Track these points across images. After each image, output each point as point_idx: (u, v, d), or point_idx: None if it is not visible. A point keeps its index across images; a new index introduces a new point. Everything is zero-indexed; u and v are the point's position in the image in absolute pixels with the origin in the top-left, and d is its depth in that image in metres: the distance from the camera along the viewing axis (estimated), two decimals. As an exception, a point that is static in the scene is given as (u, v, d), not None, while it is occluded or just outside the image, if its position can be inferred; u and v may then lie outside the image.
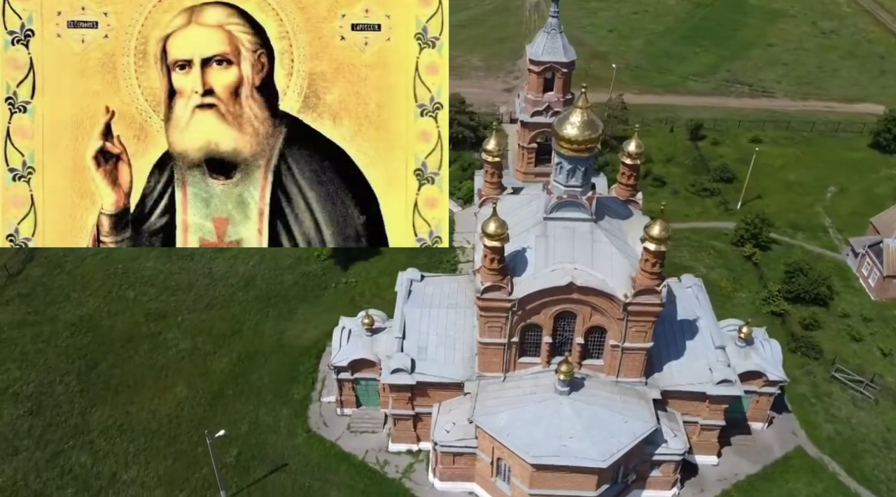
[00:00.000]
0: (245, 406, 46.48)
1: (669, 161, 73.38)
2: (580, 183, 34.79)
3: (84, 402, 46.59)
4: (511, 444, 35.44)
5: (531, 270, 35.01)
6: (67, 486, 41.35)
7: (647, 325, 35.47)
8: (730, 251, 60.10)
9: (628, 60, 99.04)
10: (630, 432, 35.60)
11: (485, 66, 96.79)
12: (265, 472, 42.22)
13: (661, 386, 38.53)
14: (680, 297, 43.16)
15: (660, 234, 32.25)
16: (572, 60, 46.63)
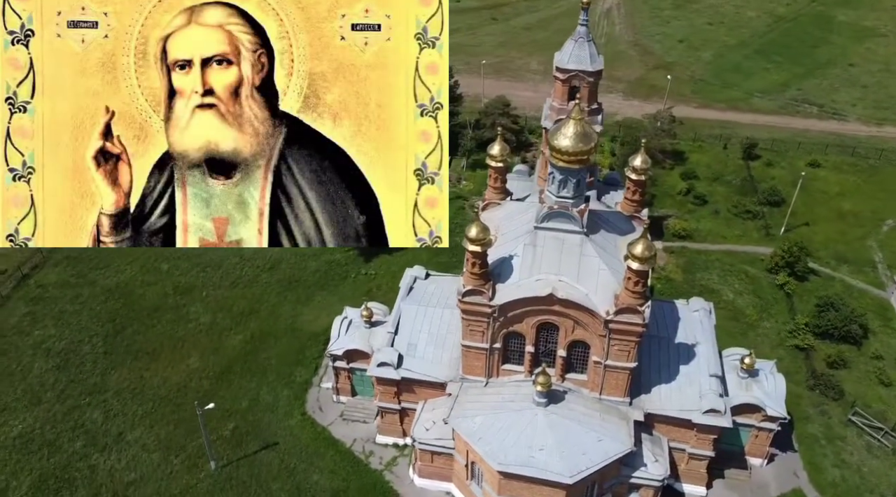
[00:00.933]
0: (249, 383, 48.39)
1: (716, 179, 70.78)
2: (572, 194, 34.38)
3: (105, 364, 49.75)
4: (481, 448, 35.52)
5: (515, 278, 34.91)
6: (78, 439, 44.35)
7: (630, 345, 34.68)
8: (762, 278, 57.51)
9: (693, 73, 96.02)
10: (603, 451, 34.96)
11: (543, 70, 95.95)
12: (256, 448, 43.90)
13: (647, 408, 37.58)
14: (684, 319, 41.86)
15: (642, 253, 31.50)
16: (598, 70, 45.95)
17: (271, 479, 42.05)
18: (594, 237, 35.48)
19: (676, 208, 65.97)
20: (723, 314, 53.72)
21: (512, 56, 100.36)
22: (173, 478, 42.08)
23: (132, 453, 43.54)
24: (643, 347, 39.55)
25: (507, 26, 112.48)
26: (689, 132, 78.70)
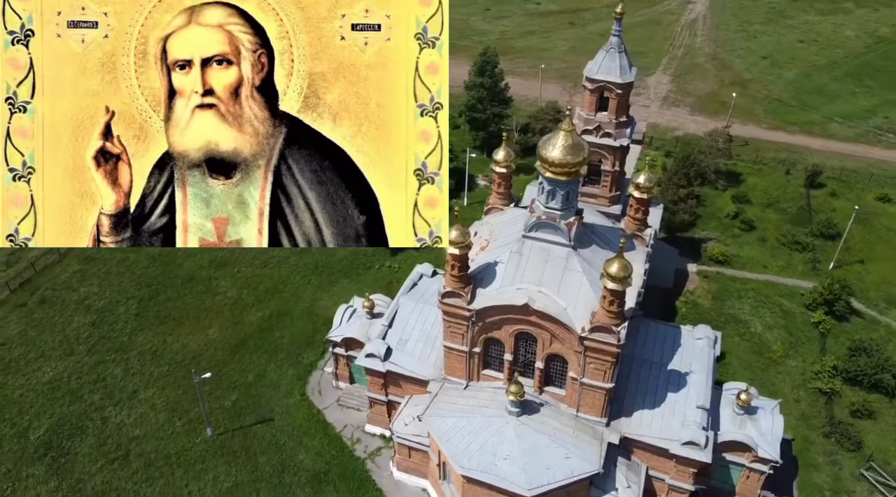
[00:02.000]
0: (259, 359, 50.54)
1: (770, 206, 67.24)
2: (560, 206, 33.93)
3: (135, 325, 53.28)
4: (447, 449, 35.77)
5: (497, 285, 34.85)
6: (97, 392, 47.84)
7: (606, 365, 33.90)
8: (798, 314, 54.30)
9: (770, 92, 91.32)
10: (568, 468, 34.41)
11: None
12: (252, 421, 45.89)
13: (625, 431, 36.61)
14: (683, 346, 40.38)
15: (617, 272, 30.75)
16: (628, 82, 45.05)
17: (260, 452, 43.89)
18: (583, 251, 34.87)
19: (720, 231, 63.22)
20: (746, 347, 51.45)
21: (580, 62, 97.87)
22: (172, 438, 44.69)
23: (141, 411, 46.53)
24: (630, 369, 38.85)
25: (583, 31, 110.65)
26: (752, 153, 75.11)
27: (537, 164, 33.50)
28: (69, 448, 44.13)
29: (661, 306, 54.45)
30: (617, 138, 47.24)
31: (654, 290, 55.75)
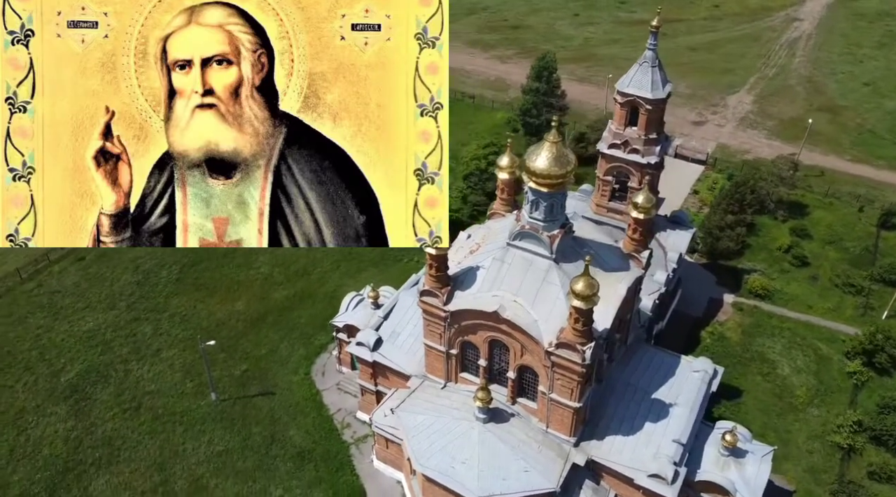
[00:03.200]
0: (274, 334, 52.86)
1: (832, 243, 62.63)
2: (543, 217, 33.48)
3: (172, 289, 57.04)
4: (411, 445, 36.25)
5: (475, 289, 34.87)
6: (126, 346, 51.72)
7: (573, 383, 33.20)
8: (835, 361, 50.51)
9: (864, 121, 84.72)
10: (524, 482, 34.04)
11: (689, 93, 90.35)
12: (255, 392, 48.18)
13: (593, 454, 35.71)
14: (677, 376, 38.82)
15: (582, 290, 30.06)
16: (659, 98, 43.77)
17: (255, 422, 46.06)
18: (566, 265, 34.24)
19: (768, 264, 59.65)
20: (767, 388, 48.57)
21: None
22: (181, 398, 47.70)
23: (160, 369, 49.90)
24: (613, 391, 37.79)
25: (672, 43, 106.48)
26: (825, 185, 70.14)
27: (523, 173, 33.24)
28: (91, 393, 48.07)
29: (684, 334, 52.28)
30: (645, 155, 45.84)
31: (681, 317, 53.71)
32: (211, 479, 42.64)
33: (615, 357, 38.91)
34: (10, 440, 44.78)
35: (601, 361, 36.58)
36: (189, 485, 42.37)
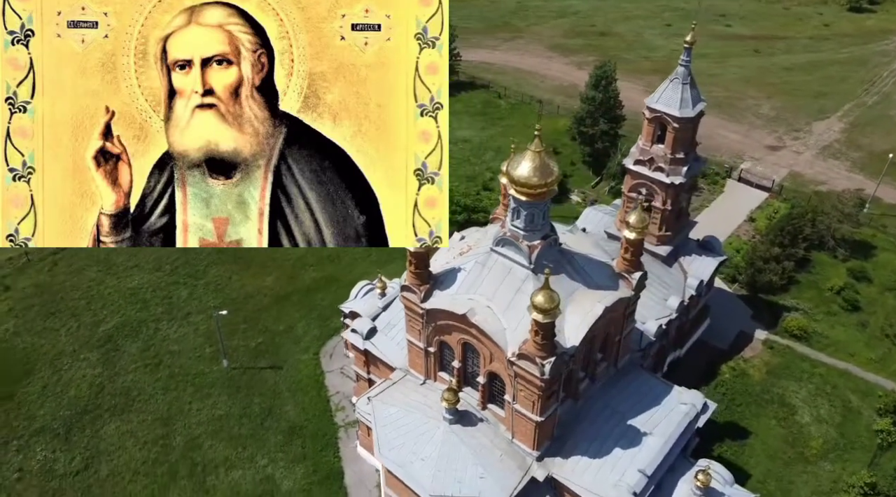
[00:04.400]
0: (295, 313, 55.07)
1: (892, 289, 57.60)
2: (523, 226, 33.11)
3: (213, 258, 60.42)
4: (378, 435, 36.95)
5: (453, 290, 35.00)
6: (161, 306, 55.46)
7: (533, 396, 32.72)
8: (864, 416, 46.68)
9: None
10: (477, 488, 33.92)
11: (771, 116, 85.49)
12: (264, 365, 50.52)
13: (554, 472, 35.05)
14: (662, 406, 37.31)
15: (541, 303, 29.63)
16: (687, 117, 42.30)
17: (258, 393, 48.35)
18: (544, 277, 33.72)
19: (814, 304, 55.73)
20: (780, 434, 45.76)
21: (747, 94, 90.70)
22: (197, 361, 50.76)
23: (185, 331, 53.25)
24: (590, 411, 36.90)
25: (767, 62, 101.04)
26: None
27: (505, 179, 33.01)
28: (121, 345, 52.05)
29: (702, 365, 49.99)
30: (670, 175, 44.15)
31: (703, 347, 51.50)
32: (206, 440, 45.26)
33: (598, 377, 37.95)
34: (44, 378, 49.32)
35: (574, 378, 35.89)
36: (186, 442, 45.16)
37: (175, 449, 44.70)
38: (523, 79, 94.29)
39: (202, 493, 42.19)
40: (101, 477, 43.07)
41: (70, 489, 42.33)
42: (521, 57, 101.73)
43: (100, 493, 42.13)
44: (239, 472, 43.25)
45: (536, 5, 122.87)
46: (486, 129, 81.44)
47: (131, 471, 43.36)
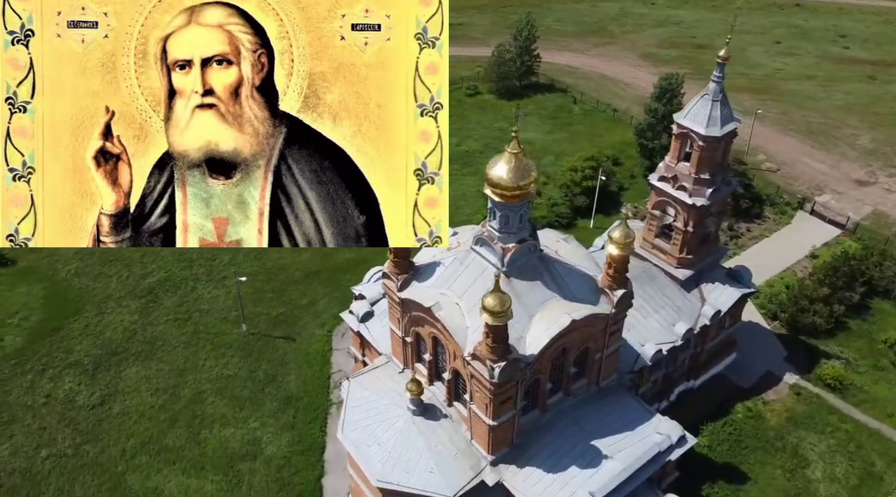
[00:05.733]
0: (321, 290, 57.05)
1: (958, 351, 51.60)
2: (498, 227, 32.83)
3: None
4: (346, 416, 37.89)
5: (429, 283, 35.26)
6: (202, 267, 58.71)
7: (486, 398, 32.46)
8: (885, 482, 42.46)
9: None
10: (423, 482, 34.13)
11: (869, 148, 78.60)
12: (280, 334, 52.82)
13: (506, 479, 34.59)
14: (635, 433, 35.95)
15: (490, 305, 29.32)
16: (714, 136, 40.33)
17: (266, 359, 50.72)
18: (517, 281, 33.31)
19: (860, 354, 51.04)
20: (781, 486, 43.00)
21: (847, 123, 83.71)
22: (221, 322, 53.81)
23: (218, 293, 56.42)
24: (556, 424, 36.13)
25: (880, 90, 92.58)
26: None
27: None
28: (160, 298, 56.06)
29: (716, 400, 47.37)
30: (693, 195, 41.98)
31: (721, 382, 48.86)
32: (210, 396, 48.10)
33: (573, 392, 36.98)
34: (88, 318, 54.11)
35: (541, 389, 35.18)
36: (192, 394, 48.21)
37: (181, 399, 47.83)
38: (605, 86, 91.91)
39: (194, 443, 44.94)
40: (113, 414, 46.87)
41: (84, 420, 46.39)
42: (609, 63, 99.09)
43: (108, 428, 45.88)
44: (231, 431, 45.69)
45: (640, 13, 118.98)
46: (553, 133, 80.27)
47: (138, 413, 46.85)
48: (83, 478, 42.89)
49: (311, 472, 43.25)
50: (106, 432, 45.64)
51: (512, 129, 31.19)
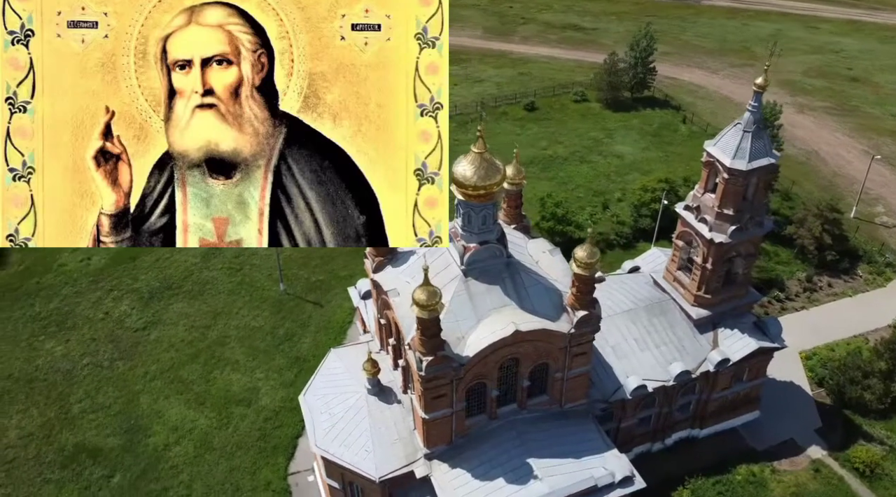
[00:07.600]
0: (359, 265, 59.28)
1: None
2: (461, 224, 32.93)
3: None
4: (315, 381, 39.91)
5: (400, 269, 35.92)
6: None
7: (419, 390, 32.85)
8: None
9: None
10: (357, 458, 35.08)
11: None
12: (311, 299, 56.02)
13: (433, 475, 34.72)
14: (579, 462, 34.62)
15: (419, 299, 29.64)
16: (739, 169, 37.54)
17: (291, 318, 54.11)
18: (476, 283, 33.24)
19: (909, 441, 44.53)
20: (762, 562, 38.43)
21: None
22: (265, 278, 58.07)
23: (270, 252, 59.63)
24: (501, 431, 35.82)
25: None
26: None
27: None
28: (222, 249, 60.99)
29: (719, 456, 43.74)
30: (713, 230, 39.04)
31: (732, 439, 45.14)
32: (232, 342, 52.28)
33: (529, 407, 36.20)
34: (160, 253, 60.33)
35: (487, 395, 34.82)
36: (218, 337, 52.67)
37: (207, 339, 52.46)
38: (725, 109, 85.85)
39: (203, 381, 49.26)
40: (150, 339, 52.51)
41: (126, 340, 52.45)
42: (738, 86, 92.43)
43: (141, 351, 51.52)
44: (237, 376, 49.50)
45: (796, 36, 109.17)
46: (648, 150, 76.74)
47: (169, 343, 52.10)
48: (107, 388, 48.68)
49: (292, 429, 45.84)
50: (139, 354, 51.30)
51: (476, 129, 31.07)
